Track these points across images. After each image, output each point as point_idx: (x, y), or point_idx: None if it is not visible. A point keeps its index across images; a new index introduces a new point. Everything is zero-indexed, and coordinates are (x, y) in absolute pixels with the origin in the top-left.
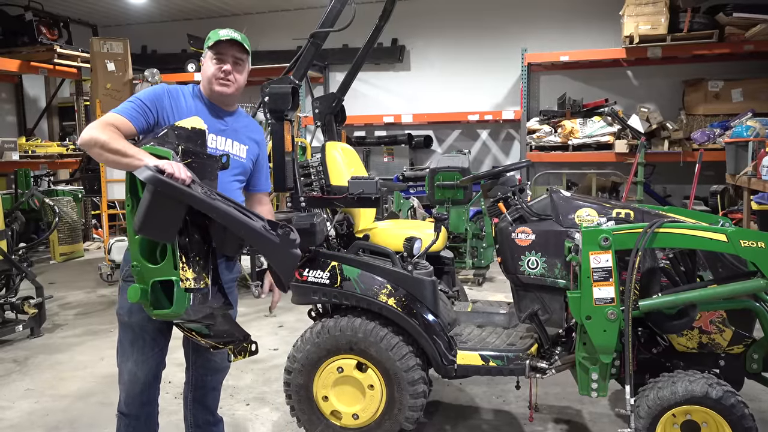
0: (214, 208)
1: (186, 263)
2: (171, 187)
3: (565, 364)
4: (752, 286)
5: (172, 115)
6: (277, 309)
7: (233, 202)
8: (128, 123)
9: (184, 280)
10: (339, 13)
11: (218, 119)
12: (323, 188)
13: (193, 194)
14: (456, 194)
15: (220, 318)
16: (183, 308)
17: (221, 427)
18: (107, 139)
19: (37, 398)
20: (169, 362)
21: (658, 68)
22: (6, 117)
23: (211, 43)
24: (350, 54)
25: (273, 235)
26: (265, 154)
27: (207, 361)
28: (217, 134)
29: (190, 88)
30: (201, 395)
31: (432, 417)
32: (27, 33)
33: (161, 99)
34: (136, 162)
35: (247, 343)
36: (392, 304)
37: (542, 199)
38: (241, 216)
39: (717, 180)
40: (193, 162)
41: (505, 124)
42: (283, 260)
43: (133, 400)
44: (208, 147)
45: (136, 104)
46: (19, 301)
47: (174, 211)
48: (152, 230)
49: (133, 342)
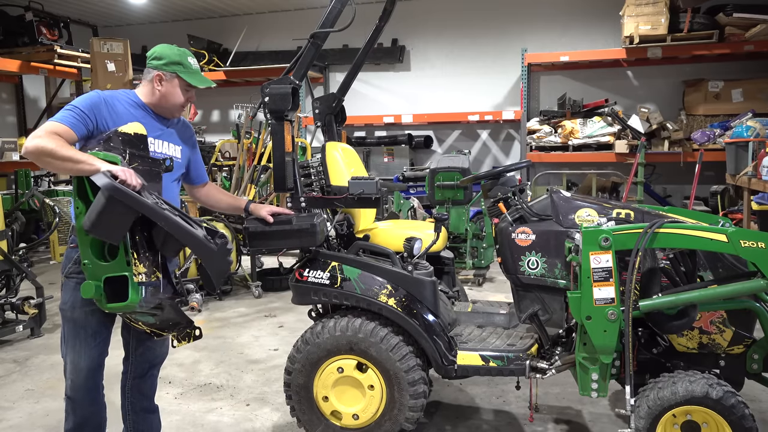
0: (164, 217)
1: (138, 259)
2: (126, 195)
3: (565, 364)
4: (752, 287)
5: (110, 120)
6: (278, 309)
7: (176, 209)
8: (69, 131)
9: (137, 274)
10: (339, 14)
11: (156, 125)
12: (323, 188)
13: (145, 203)
14: (456, 194)
15: (167, 307)
16: (137, 301)
17: (158, 415)
18: (55, 146)
19: (37, 398)
20: (170, 362)
21: (658, 68)
22: (6, 117)
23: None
24: (350, 54)
25: (212, 244)
26: (197, 147)
27: (148, 350)
28: (155, 138)
29: (125, 95)
30: (140, 383)
31: (432, 417)
32: (27, 33)
33: (98, 106)
34: (88, 167)
35: (190, 329)
36: (392, 305)
37: (542, 200)
38: (186, 225)
39: (717, 180)
40: (139, 166)
41: (505, 124)
42: (218, 266)
43: (77, 386)
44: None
45: (75, 112)
46: (20, 301)
47: (124, 216)
48: (102, 232)
49: (76, 335)
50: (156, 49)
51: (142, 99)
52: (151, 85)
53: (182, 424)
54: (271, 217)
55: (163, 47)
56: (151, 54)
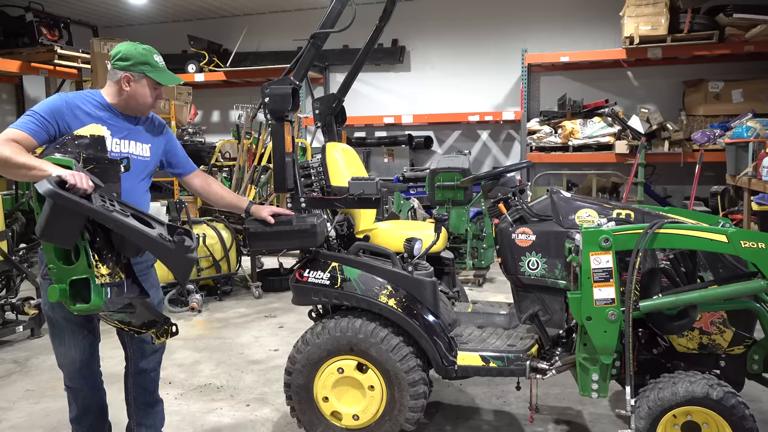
0: (111, 219)
1: (99, 261)
2: (68, 200)
3: (565, 364)
4: (753, 287)
5: (74, 123)
6: (278, 310)
7: (132, 209)
8: (28, 137)
9: (99, 276)
10: (339, 14)
11: (122, 125)
12: (323, 189)
13: (90, 207)
14: (456, 195)
15: (139, 306)
16: (101, 302)
17: (161, 407)
18: (10, 154)
19: (37, 399)
20: (170, 363)
21: (658, 69)
22: (6, 117)
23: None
24: (350, 55)
25: (168, 242)
26: (173, 139)
27: (141, 346)
28: (121, 138)
29: (90, 97)
30: (140, 378)
31: (432, 418)
32: (27, 34)
33: (60, 110)
34: (40, 173)
35: (167, 326)
36: (393, 305)
37: (542, 200)
38: (136, 225)
39: (717, 181)
40: (95, 167)
41: (505, 124)
42: (177, 265)
43: (73, 375)
44: (110, 152)
45: (35, 118)
46: (20, 301)
47: (73, 221)
48: (53, 237)
49: (62, 332)
50: (120, 48)
51: (108, 100)
52: (117, 86)
53: (182, 425)
54: (271, 217)
55: (127, 46)
56: (115, 54)
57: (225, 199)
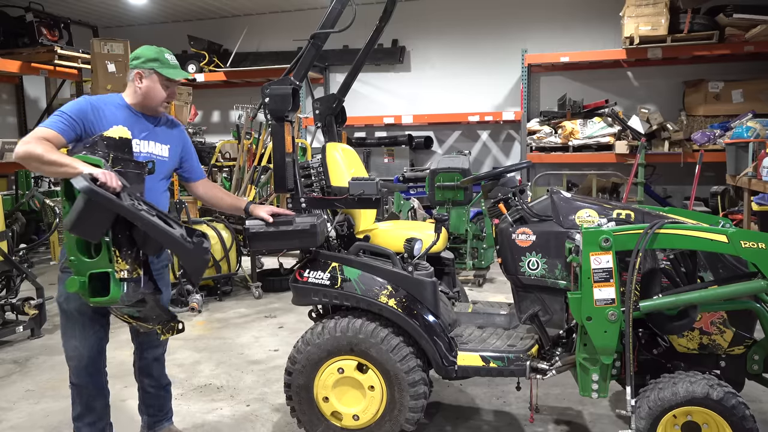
0: (140, 218)
1: (120, 256)
2: (103, 197)
3: (565, 365)
4: (753, 287)
5: (98, 124)
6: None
7: (156, 210)
8: (58, 136)
9: (119, 271)
10: (339, 14)
11: (142, 125)
12: (323, 189)
13: (122, 205)
14: (456, 195)
15: (151, 302)
16: (119, 296)
17: (168, 389)
18: (42, 151)
19: (37, 399)
20: (170, 363)
21: (658, 69)
22: (7, 118)
23: (161, 70)
24: (351, 55)
25: (188, 243)
26: (190, 143)
27: (147, 339)
28: (141, 139)
29: (112, 99)
30: (146, 366)
31: (432, 418)
32: (27, 34)
33: (85, 111)
34: (72, 170)
35: (174, 323)
36: (393, 305)
37: (543, 200)
38: (162, 225)
39: (717, 181)
40: (122, 168)
41: (505, 125)
42: (194, 264)
43: (80, 372)
44: (133, 152)
45: (63, 118)
46: (20, 302)
47: (103, 217)
48: (82, 231)
49: (73, 325)
50: (136, 50)
51: (127, 100)
52: (133, 85)
53: (182, 425)
54: (270, 217)
55: (142, 48)
56: (132, 56)
57: (225, 201)
